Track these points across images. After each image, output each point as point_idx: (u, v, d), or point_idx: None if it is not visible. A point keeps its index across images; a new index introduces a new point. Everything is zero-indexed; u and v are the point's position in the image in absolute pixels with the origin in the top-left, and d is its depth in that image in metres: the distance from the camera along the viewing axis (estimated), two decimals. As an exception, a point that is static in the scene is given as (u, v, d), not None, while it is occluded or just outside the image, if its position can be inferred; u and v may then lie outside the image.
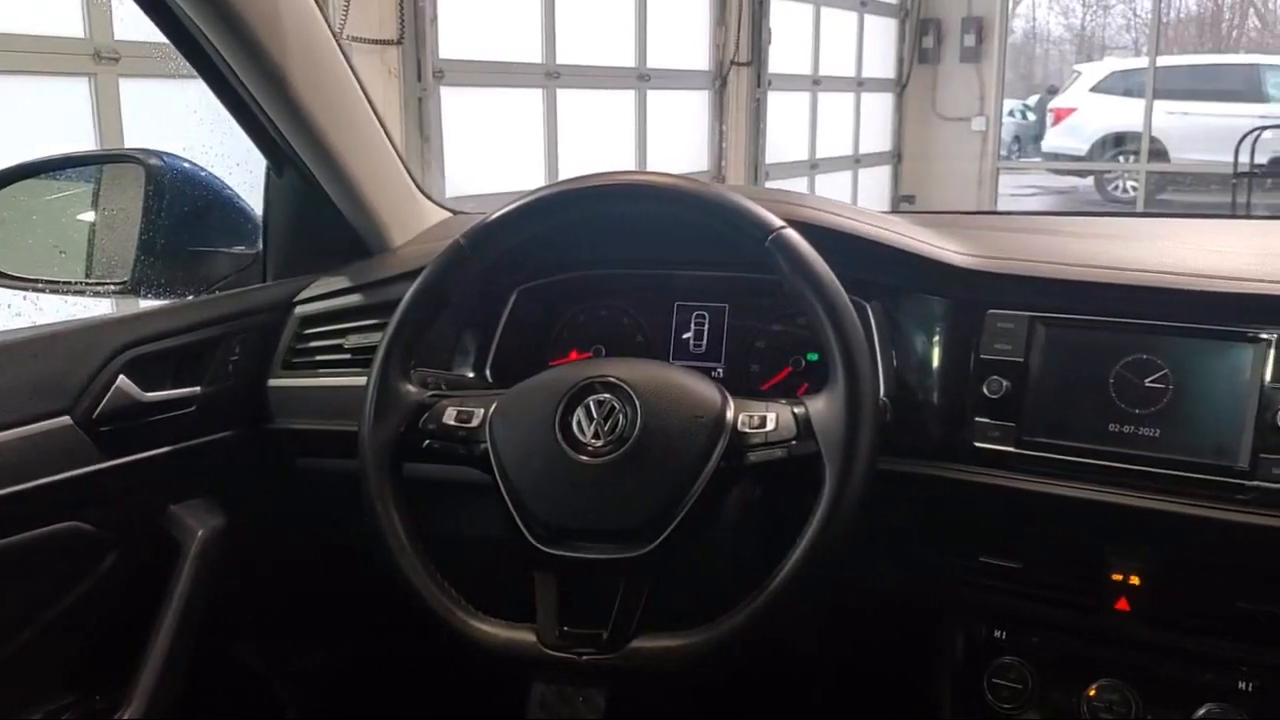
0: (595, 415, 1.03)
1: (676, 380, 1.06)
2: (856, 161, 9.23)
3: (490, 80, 5.52)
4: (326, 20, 1.34)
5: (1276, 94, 11.52)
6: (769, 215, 1.04)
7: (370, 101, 1.42)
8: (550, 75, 5.85)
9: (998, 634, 1.20)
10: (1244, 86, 11.73)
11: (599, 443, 1.02)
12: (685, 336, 1.36)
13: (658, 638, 0.98)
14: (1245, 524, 1.03)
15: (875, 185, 9.51)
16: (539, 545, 1.01)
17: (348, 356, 1.38)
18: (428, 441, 1.09)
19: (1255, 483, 1.04)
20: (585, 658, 0.98)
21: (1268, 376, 1.05)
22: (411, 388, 1.11)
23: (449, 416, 1.09)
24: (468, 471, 1.07)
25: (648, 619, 0.99)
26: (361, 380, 1.11)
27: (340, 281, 1.43)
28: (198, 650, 1.30)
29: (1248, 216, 6.40)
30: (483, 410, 1.08)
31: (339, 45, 1.36)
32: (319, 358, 1.40)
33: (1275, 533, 1.02)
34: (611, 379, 1.05)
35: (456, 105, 5.25)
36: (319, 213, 1.45)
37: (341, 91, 1.37)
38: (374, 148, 1.44)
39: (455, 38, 5.20)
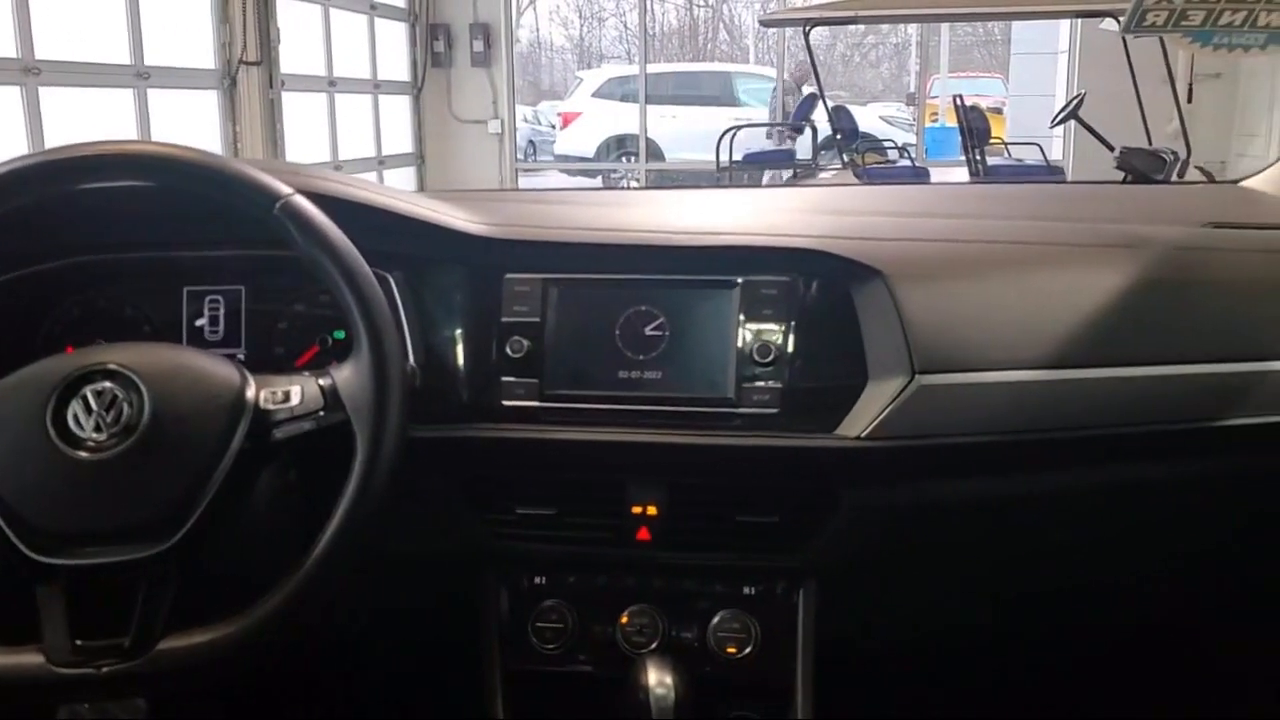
0: (95, 407, 0.93)
1: (188, 362, 0.99)
2: (381, 163, 9.20)
3: (-48, 76, 4.86)
4: None
5: (746, 98, 13.03)
6: (276, 182, 1.00)
7: None
8: (29, 71, 5.25)
9: (538, 580, 1.26)
10: (720, 92, 13.18)
11: (101, 436, 0.92)
12: (199, 324, 1.28)
13: (187, 635, 0.91)
14: (735, 446, 1.18)
15: (401, 186, 9.52)
16: (37, 556, 0.90)
17: None
18: None
19: (740, 409, 1.18)
20: (106, 669, 0.89)
21: (742, 316, 1.20)
22: None
23: None
24: None
25: (179, 618, 0.92)
26: None
27: None
28: None
29: (730, 187, 7.27)
30: None
31: None
32: None
33: (759, 450, 1.17)
34: (112, 366, 0.95)
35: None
36: None
37: None
38: None
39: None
